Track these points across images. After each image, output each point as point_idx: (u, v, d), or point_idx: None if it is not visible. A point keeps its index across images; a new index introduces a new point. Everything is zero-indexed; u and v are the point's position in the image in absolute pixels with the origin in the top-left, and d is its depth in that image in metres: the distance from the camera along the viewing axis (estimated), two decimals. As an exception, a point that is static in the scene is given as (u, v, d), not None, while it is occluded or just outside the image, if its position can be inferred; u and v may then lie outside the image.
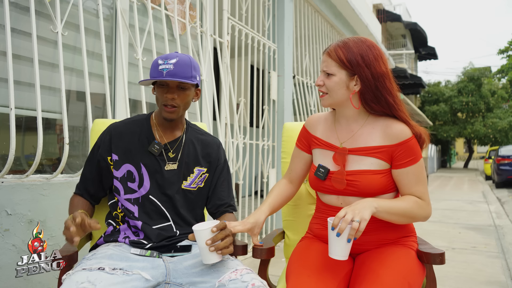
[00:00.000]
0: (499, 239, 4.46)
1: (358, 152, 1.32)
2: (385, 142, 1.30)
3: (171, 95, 1.33)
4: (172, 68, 1.29)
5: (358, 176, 1.29)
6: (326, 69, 1.31)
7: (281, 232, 1.74)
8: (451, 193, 9.90)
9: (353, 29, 6.75)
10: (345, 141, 1.35)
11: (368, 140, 1.32)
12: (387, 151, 1.29)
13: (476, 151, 40.24)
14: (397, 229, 1.35)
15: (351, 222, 1.11)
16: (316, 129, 1.44)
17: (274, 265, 2.27)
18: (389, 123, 1.31)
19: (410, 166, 1.28)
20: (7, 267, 1.73)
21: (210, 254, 1.16)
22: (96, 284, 1.07)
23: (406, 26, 20.12)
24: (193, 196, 1.43)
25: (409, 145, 1.28)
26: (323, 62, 1.33)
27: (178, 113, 1.37)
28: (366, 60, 1.27)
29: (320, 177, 1.35)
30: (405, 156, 1.28)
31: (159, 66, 1.31)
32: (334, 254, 1.14)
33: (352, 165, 1.32)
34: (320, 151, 1.41)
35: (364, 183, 1.28)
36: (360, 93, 1.30)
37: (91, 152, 1.44)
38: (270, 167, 3.96)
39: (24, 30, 2.03)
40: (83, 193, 1.43)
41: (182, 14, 2.96)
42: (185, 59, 1.33)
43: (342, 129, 1.38)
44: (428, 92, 23.61)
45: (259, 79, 4.08)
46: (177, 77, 1.29)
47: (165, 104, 1.34)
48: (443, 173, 19.33)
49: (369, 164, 1.30)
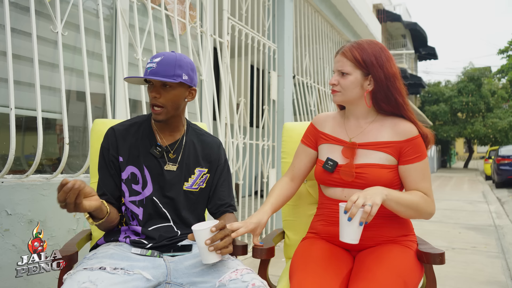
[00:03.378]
0: (499, 239, 4.46)
1: (367, 146, 1.37)
2: (394, 138, 1.35)
3: (153, 94, 1.31)
4: (155, 66, 1.28)
5: (366, 169, 1.33)
6: (341, 68, 1.35)
7: (281, 232, 1.73)
8: (451, 193, 9.90)
9: (353, 29, 6.75)
10: (355, 137, 1.40)
11: (377, 135, 1.37)
12: (396, 146, 1.34)
13: (476, 151, 40.25)
14: (396, 227, 1.37)
15: (362, 206, 1.14)
16: (324, 126, 1.48)
17: (274, 265, 2.27)
18: (397, 122, 1.37)
19: (417, 162, 1.34)
20: (7, 267, 1.73)
21: (210, 254, 1.16)
22: (97, 283, 1.07)
23: (406, 26, 20.13)
24: (194, 197, 1.43)
25: (416, 142, 1.34)
26: (338, 62, 1.37)
27: (167, 114, 1.34)
28: (379, 60, 1.33)
29: (329, 169, 1.38)
30: (413, 152, 1.33)
31: (147, 65, 1.32)
32: (345, 237, 1.17)
33: (360, 159, 1.36)
34: (328, 146, 1.44)
35: (372, 176, 1.32)
36: (372, 92, 1.35)
37: (101, 156, 1.40)
38: (270, 167, 3.96)
39: (24, 30, 2.03)
40: (109, 198, 1.37)
41: (182, 14, 2.96)
42: (170, 58, 1.31)
43: (351, 125, 1.43)
44: (428, 92, 23.62)
45: (259, 79, 4.08)
46: (158, 76, 1.27)
47: (152, 104, 1.33)
48: (443, 173, 19.33)
49: (377, 158, 1.34)
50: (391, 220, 1.36)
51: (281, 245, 1.91)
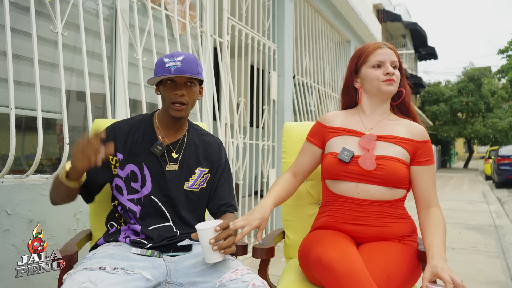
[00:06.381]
0: (499, 239, 4.46)
1: (386, 139, 1.38)
2: (410, 136, 1.39)
3: (181, 92, 1.33)
4: (179, 65, 1.31)
5: (385, 161, 1.33)
6: (395, 60, 1.41)
7: (281, 232, 1.73)
8: (451, 193, 9.89)
9: (353, 29, 6.75)
10: (372, 128, 1.41)
11: (395, 130, 1.40)
12: (413, 145, 1.38)
13: (476, 151, 40.23)
14: (403, 228, 1.37)
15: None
16: (334, 121, 1.48)
17: (274, 265, 2.27)
18: (411, 123, 1.43)
19: (429, 165, 1.37)
20: (7, 267, 1.73)
21: (213, 253, 1.16)
22: (97, 283, 1.07)
23: (406, 26, 20.11)
24: (195, 197, 1.43)
25: (428, 146, 1.39)
26: (389, 54, 1.41)
27: (187, 111, 1.38)
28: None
29: (345, 159, 1.35)
30: (426, 154, 1.38)
31: (165, 64, 1.31)
32: None
33: (379, 151, 1.36)
34: (341, 138, 1.43)
35: (390, 169, 1.32)
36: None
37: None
38: (270, 167, 3.96)
39: (24, 30, 2.03)
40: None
41: (182, 14, 2.96)
42: (190, 56, 1.35)
43: (367, 118, 1.45)
44: (428, 92, 23.60)
45: (259, 79, 4.08)
46: (185, 73, 1.31)
47: (174, 102, 1.34)
48: (443, 173, 19.33)
49: (396, 152, 1.36)
50: (398, 220, 1.36)
51: (281, 245, 1.91)
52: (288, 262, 1.65)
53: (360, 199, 1.35)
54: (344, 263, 1.12)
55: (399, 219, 1.36)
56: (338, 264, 1.12)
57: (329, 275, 1.13)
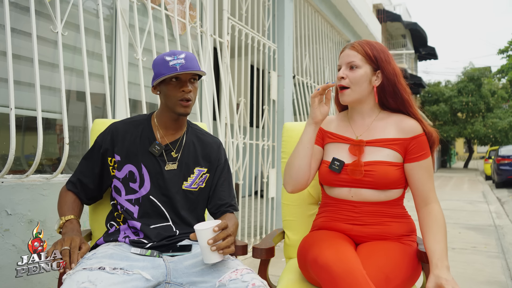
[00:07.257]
0: (499, 239, 4.46)
1: (374, 143, 1.37)
2: (400, 135, 1.36)
3: (188, 88, 1.34)
4: (184, 62, 1.31)
5: (374, 167, 1.33)
6: (351, 60, 1.35)
7: (281, 232, 1.74)
8: (451, 193, 9.89)
9: (353, 29, 6.75)
10: (361, 134, 1.40)
11: (383, 132, 1.37)
12: (402, 144, 1.35)
13: (476, 151, 40.24)
14: (401, 227, 1.37)
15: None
16: (330, 125, 1.49)
17: (274, 265, 2.27)
18: (401, 118, 1.38)
19: (423, 160, 1.34)
20: (7, 267, 1.73)
21: (212, 254, 1.16)
22: (96, 283, 1.07)
23: (406, 26, 20.11)
24: (194, 197, 1.43)
25: (421, 140, 1.35)
26: (347, 56, 1.37)
27: (191, 107, 1.39)
28: (387, 57, 1.37)
29: (336, 170, 1.37)
30: (418, 150, 1.34)
31: (169, 63, 1.31)
32: None
33: (368, 156, 1.36)
34: (334, 145, 1.44)
35: (380, 173, 1.32)
36: (379, 88, 1.37)
37: (91, 150, 1.42)
38: (270, 167, 3.96)
39: (24, 30, 2.03)
40: (80, 191, 1.41)
41: (182, 14, 2.96)
42: (191, 54, 1.36)
43: (356, 124, 1.43)
44: (428, 92, 23.59)
45: (259, 79, 4.08)
46: (191, 70, 1.31)
47: (181, 99, 1.35)
48: (443, 173, 19.33)
49: (385, 155, 1.35)
50: (397, 219, 1.36)
51: (281, 245, 1.91)
52: (288, 262, 1.65)
53: (355, 201, 1.37)
54: (340, 263, 1.12)
55: (398, 218, 1.36)
56: (335, 265, 1.12)
57: (326, 275, 1.13)
